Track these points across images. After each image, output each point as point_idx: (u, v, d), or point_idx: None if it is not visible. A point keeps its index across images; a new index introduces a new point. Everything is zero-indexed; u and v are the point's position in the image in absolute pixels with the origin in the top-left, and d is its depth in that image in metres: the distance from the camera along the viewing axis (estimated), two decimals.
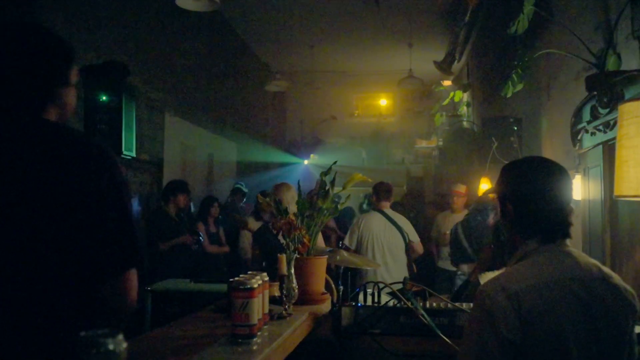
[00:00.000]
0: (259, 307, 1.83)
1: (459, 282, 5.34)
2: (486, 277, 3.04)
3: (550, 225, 1.71)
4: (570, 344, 1.55)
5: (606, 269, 1.71)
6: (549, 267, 1.63)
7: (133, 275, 1.53)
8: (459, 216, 6.31)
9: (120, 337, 0.93)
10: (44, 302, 1.43)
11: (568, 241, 1.72)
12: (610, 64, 3.11)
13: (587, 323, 1.58)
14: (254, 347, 1.75)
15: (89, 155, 1.52)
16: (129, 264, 1.53)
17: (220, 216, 7.09)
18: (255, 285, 1.80)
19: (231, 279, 1.86)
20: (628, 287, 1.69)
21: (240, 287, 1.78)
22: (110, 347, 0.90)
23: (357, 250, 5.50)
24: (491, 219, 5.84)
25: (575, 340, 1.55)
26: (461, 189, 6.67)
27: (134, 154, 4.79)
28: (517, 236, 1.75)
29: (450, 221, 6.55)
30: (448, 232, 6.21)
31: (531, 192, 1.73)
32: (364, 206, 9.65)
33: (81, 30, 5.35)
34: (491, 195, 2.09)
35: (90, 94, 4.45)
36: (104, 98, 4.41)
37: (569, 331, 1.55)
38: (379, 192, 5.70)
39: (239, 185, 8.51)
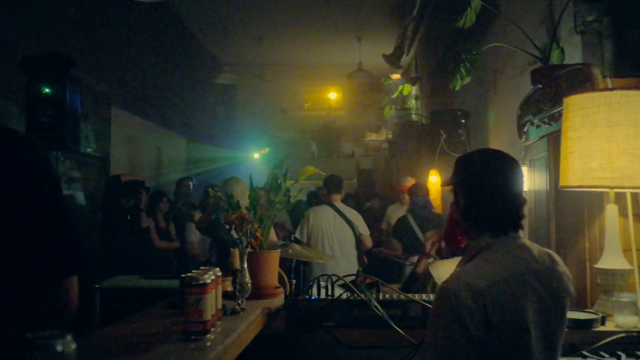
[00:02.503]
0: (212, 302, 1.80)
1: (408, 272, 5.39)
2: (437, 266, 3.08)
3: (502, 218, 1.72)
4: (531, 334, 1.60)
5: (555, 256, 1.77)
6: (507, 263, 1.66)
7: (74, 281, 1.44)
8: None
9: (69, 337, 0.89)
10: None
11: (520, 232, 1.75)
12: (554, 58, 3.19)
13: (542, 313, 1.64)
14: (208, 344, 1.72)
15: (19, 152, 1.39)
16: (72, 270, 1.43)
17: (168, 211, 6.97)
18: (209, 281, 1.77)
19: (183, 275, 1.82)
20: (568, 273, 1.76)
21: (193, 282, 1.74)
22: (59, 348, 0.86)
23: (308, 244, 5.50)
24: (434, 209, 5.94)
25: (535, 330, 1.61)
26: (409, 182, 6.73)
27: (79, 148, 4.65)
28: (471, 228, 1.78)
29: (401, 213, 6.62)
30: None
31: (483, 185, 1.74)
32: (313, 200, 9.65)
33: (22, 20, 5.15)
34: (442, 186, 2.12)
35: (32, 86, 4.27)
36: (47, 90, 4.24)
37: (529, 322, 1.60)
38: (329, 186, 5.70)
39: (183, 176, 8.38)
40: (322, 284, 2.48)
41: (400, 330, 2.16)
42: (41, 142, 1.47)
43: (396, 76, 10.66)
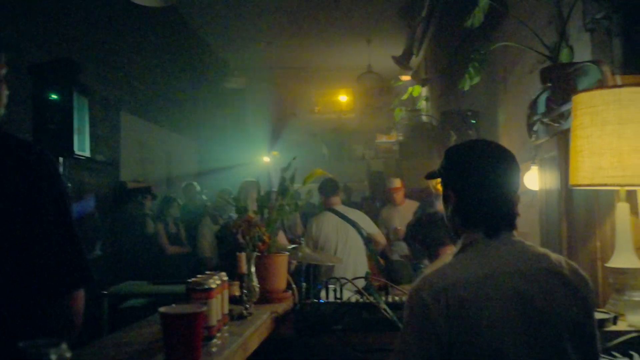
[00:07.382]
0: (217, 307, 1.79)
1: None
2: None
3: (494, 216, 1.61)
4: (505, 341, 1.45)
5: (557, 259, 1.60)
6: (485, 260, 1.54)
7: (80, 296, 1.41)
8: (402, 208, 6.57)
9: (64, 346, 0.87)
10: None
11: (515, 232, 1.64)
12: (563, 56, 3.15)
13: (527, 318, 1.48)
14: (213, 349, 1.71)
15: (27, 163, 1.38)
16: (77, 284, 1.40)
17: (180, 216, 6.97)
18: (214, 286, 1.76)
19: (189, 280, 1.81)
20: (583, 276, 1.60)
21: (198, 287, 1.73)
22: (53, 357, 0.85)
23: None
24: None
25: (512, 336, 1.45)
26: (396, 183, 6.86)
27: (88, 154, 4.63)
28: (460, 226, 1.67)
29: (395, 214, 6.64)
30: (400, 227, 6.16)
31: (473, 180, 1.63)
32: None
33: (29, 26, 5.17)
34: (427, 179, 2.05)
35: (38, 93, 4.26)
36: (54, 97, 4.23)
37: (504, 327, 1.45)
38: (326, 190, 5.45)
39: (188, 183, 8.33)
40: (331, 287, 2.46)
41: None
42: (49, 153, 1.45)
43: (406, 78, 10.62)
